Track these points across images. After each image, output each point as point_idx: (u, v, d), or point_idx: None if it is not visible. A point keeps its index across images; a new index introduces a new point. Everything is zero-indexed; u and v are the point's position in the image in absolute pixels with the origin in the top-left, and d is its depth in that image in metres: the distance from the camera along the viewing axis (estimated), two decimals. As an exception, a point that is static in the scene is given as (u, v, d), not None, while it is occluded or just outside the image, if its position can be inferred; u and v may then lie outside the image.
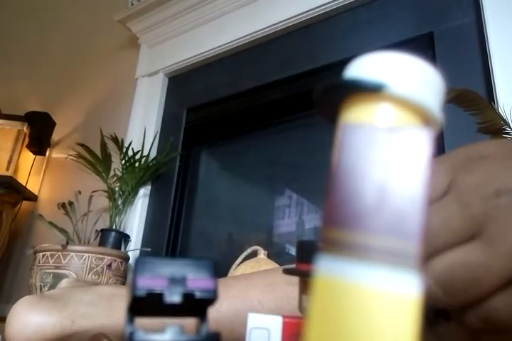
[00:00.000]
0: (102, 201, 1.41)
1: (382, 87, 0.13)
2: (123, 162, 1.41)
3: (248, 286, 0.43)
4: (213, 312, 0.27)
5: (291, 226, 1.28)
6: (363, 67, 0.14)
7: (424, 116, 0.14)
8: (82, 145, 1.43)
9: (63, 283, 0.47)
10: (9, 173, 1.76)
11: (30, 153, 1.84)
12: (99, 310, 0.39)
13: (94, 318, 0.39)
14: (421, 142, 0.13)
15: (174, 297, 0.16)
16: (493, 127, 0.70)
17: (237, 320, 0.41)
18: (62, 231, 1.25)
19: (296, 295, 0.25)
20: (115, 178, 1.43)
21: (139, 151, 1.43)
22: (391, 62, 0.14)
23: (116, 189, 1.41)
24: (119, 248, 1.32)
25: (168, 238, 1.39)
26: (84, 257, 1.16)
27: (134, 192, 1.43)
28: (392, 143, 0.13)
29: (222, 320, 0.41)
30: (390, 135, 0.13)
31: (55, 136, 1.90)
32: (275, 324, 0.24)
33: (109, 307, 0.39)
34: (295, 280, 0.25)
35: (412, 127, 0.13)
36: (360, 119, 0.14)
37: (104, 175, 1.42)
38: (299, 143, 1.34)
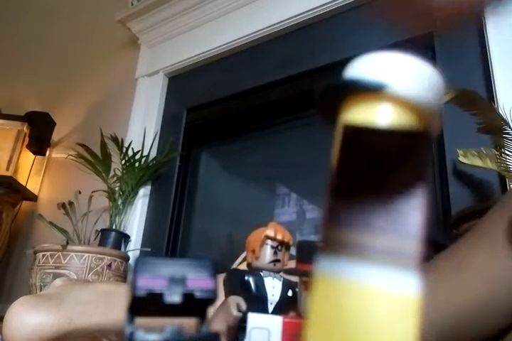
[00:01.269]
0: (102, 201, 1.41)
1: (382, 87, 0.13)
2: (123, 162, 1.41)
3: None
4: None
5: (291, 225, 1.28)
6: (363, 67, 0.14)
7: (424, 116, 0.14)
8: (82, 145, 1.43)
9: (57, 282, 0.47)
10: (9, 173, 1.75)
11: (30, 153, 1.83)
12: (96, 307, 0.39)
13: (90, 316, 0.39)
14: (421, 142, 0.13)
15: (174, 297, 0.16)
16: (493, 127, 0.70)
17: None
18: (62, 231, 1.25)
19: None
20: (115, 178, 1.42)
21: (138, 151, 1.43)
22: (391, 62, 0.14)
23: (116, 189, 1.41)
24: (119, 248, 1.32)
25: (168, 238, 1.39)
26: (84, 257, 1.16)
27: (134, 192, 1.43)
28: (392, 143, 0.13)
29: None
30: (389, 134, 0.13)
31: (55, 136, 1.90)
32: (275, 324, 0.24)
33: (105, 304, 0.39)
34: None
35: (411, 127, 0.13)
36: (360, 119, 0.14)
37: (104, 175, 1.41)
38: (299, 143, 1.34)
